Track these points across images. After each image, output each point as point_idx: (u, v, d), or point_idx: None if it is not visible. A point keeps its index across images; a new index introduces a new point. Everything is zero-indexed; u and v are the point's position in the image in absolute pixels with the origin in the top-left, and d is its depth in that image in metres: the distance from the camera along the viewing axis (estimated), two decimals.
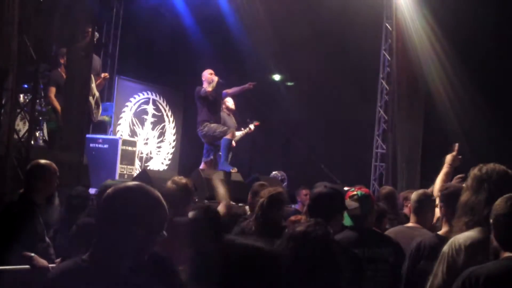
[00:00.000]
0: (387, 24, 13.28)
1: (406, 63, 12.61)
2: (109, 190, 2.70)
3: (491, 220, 3.10)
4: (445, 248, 3.50)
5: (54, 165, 5.74)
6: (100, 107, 10.06)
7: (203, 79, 10.69)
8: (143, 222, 2.58)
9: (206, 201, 8.33)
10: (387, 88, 13.28)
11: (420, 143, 12.67)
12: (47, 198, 5.77)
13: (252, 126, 11.43)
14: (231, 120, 11.18)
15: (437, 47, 12.16)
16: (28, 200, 5.47)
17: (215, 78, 10.48)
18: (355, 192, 4.83)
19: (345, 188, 5.00)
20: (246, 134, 11.57)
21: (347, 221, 4.82)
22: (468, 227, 3.51)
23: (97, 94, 9.90)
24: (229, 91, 10.95)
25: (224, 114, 11.14)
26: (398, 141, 12.75)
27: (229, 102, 11.26)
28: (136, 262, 2.62)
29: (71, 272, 2.57)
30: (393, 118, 12.91)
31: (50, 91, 9.55)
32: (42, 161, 5.77)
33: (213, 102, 10.58)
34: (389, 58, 13.23)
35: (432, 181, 5.60)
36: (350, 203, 4.59)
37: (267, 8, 13.15)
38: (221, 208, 5.10)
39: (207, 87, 10.44)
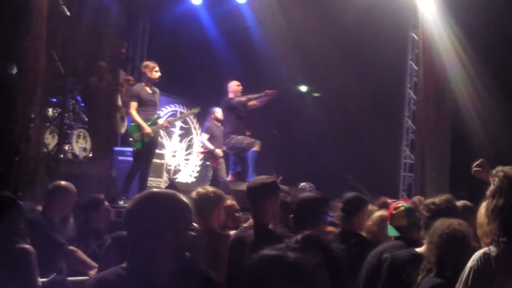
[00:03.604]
0: (413, 34, 13.20)
1: (433, 72, 12.49)
2: (136, 198, 2.79)
3: None
4: (471, 263, 3.35)
5: (73, 187, 5.92)
6: (125, 120, 10.11)
7: (230, 90, 10.74)
8: (172, 225, 2.65)
9: None
10: (415, 98, 13.19)
11: (449, 153, 12.54)
12: (63, 217, 5.96)
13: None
14: (220, 130, 11.23)
15: (463, 56, 12.04)
16: (46, 217, 5.71)
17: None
18: (400, 205, 4.95)
19: (389, 201, 5.10)
20: None
21: (392, 232, 4.89)
22: (495, 234, 3.41)
23: (122, 108, 9.96)
24: (254, 103, 10.96)
25: (212, 124, 11.33)
26: (426, 151, 12.63)
27: (218, 113, 11.36)
28: (171, 266, 2.68)
29: (111, 278, 2.66)
30: (421, 128, 12.80)
31: (131, 106, 9.57)
32: (63, 182, 5.97)
33: (240, 114, 10.62)
34: (416, 68, 13.15)
35: (462, 191, 5.56)
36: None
37: (292, 20, 13.15)
38: None
39: (242, 98, 10.51)
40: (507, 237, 3.32)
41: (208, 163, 11.68)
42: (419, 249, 4.38)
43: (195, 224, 2.74)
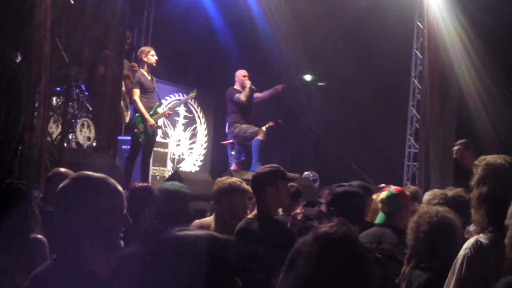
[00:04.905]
0: (418, 23, 13.15)
1: (438, 61, 12.46)
2: (68, 178, 2.69)
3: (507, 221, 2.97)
4: (464, 251, 3.37)
5: (72, 173, 5.90)
6: (129, 109, 10.10)
7: (236, 79, 10.71)
8: (97, 208, 2.55)
9: None
10: (419, 87, 13.15)
11: (453, 142, 12.45)
12: None
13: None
14: None
15: (468, 45, 11.99)
16: (48, 204, 5.66)
17: (248, 83, 10.50)
18: (385, 191, 4.94)
19: (382, 186, 5.12)
20: None
21: (378, 218, 4.88)
22: (483, 223, 3.39)
23: (126, 97, 9.95)
24: (260, 95, 10.90)
25: None
26: (430, 140, 12.61)
27: None
28: (100, 253, 2.55)
29: (42, 274, 2.53)
30: (426, 117, 12.77)
31: (134, 93, 9.56)
32: (62, 169, 5.92)
33: (245, 105, 10.59)
34: (421, 57, 13.10)
35: (466, 181, 5.55)
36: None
37: (297, 8, 13.11)
38: None
39: (240, 96, 10.44)
40: (494, 226, 3.32)
41: (232, 153, 11.65)
42: None
43: (124, 212, 2.61)
